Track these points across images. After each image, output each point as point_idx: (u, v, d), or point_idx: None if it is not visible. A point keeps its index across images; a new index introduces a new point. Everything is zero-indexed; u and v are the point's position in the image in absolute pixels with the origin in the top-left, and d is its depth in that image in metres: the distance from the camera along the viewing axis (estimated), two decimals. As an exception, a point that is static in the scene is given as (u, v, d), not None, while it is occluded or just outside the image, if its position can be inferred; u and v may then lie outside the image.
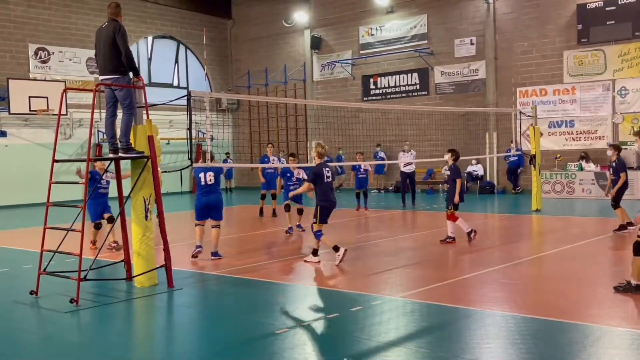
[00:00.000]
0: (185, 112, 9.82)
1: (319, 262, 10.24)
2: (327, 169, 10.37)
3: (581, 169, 20.74)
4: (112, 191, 10.92)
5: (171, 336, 6.85)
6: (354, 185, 19.07)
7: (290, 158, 14.82)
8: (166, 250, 8.79)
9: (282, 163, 17.74)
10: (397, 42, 26.12)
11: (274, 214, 17.35)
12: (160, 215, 8.84)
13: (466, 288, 8.36)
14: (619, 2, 20.65)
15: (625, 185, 12.71)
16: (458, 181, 11.81)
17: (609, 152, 13.25)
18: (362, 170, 18.45)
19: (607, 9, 20.86)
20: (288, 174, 14.38)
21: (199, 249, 11.03)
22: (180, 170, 10.16)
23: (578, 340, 6.02)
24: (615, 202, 12.67)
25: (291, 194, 12.20)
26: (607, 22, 20.92)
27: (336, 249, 10.11)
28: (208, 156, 10.34)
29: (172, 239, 10.03)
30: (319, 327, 6.73)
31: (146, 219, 8.76)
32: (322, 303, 8.02)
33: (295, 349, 6.04)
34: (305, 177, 14.49)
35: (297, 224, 14.27)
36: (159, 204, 8.82)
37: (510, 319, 6.74)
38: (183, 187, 28.42)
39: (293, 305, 7.88)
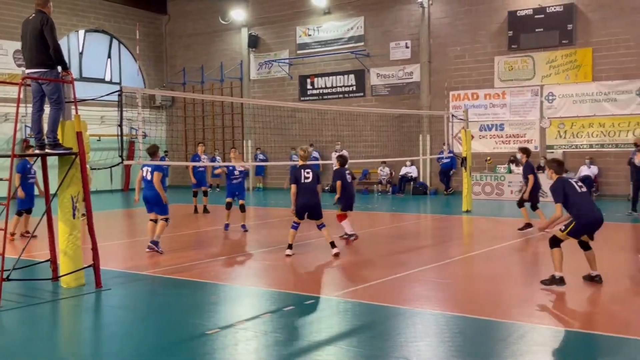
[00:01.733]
0: (117, 108, 9.65)
1: (290, 255, 10.59)
2: (308, 170, 10.65)
3: (510, 171, 21.38)
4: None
5: (98, 338, 6.67)
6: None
7: (232, 149, 15.23)
8: (94, 249, 8.56)
9: (216, 161, 18.19)
10: (334, 43, 26.27)
11: (206, 210, 17.75)
12: (88, 213, 8.60)
13: (398, 287, 8.48)
14: (547, 11, 21.40)
15: (536, 187, 13.23)
16: (338, 183, 12.20)
17: (518, 155, 14.01)
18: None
19: (537, 16, 21.59)
20: (231, 168, 14.28)
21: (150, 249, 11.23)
22: (110, 167, 9.94)
23: (503, 337, 6.20)
24: (532, 203, 13.31)
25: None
26: (536, 30, 21.64)
27: (289, 247, 10.71)
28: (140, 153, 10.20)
29: (102, 238, 9.79)
30: (251, 327, 6.69)
31: (74, 217, 8.51)
32: (255, 303, 7.98)
33: (226, 349, 5.98)
34: (246, 168, 15.16)
35: (242, 224, 13.99)
36: (87, 202, 8.58)
37: (440, 317, 6.88)
38: (113, 185, 27.91)
39: (225, 306, 7.81)
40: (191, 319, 7.00)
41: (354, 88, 25.91)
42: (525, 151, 13.51)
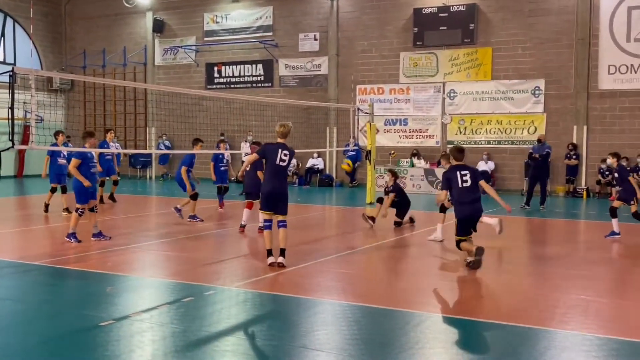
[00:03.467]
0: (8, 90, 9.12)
1: (271, 264, 8.87)
2: (286, 152, 9.26)
3: (412, 165, 21.97)
4: None
5: (-19, 332, 6.28)
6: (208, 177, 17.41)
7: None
8: (-20, 238, 8.07)
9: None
10: (242, 31, 25.99)
11: (112, 198, 17.29)
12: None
13: (300, 277, 8.50)
14: (451, 10, 22.06)
15: None
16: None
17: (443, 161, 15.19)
18: (225, 161, 16.14)
19: (441, 15, 22.21)
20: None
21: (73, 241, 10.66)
22: (0, 152, 9.38)
23: (400, 326, 6.34)
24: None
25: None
26: (440, 28, 22.26)
27: (269, 253, 8.96)
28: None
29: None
30: (148, 318, 6.50)
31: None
32: (154, 294, 7.77)
33: (120, 341, 5.78)
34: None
35: (178, 211, 13.60)
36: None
37: (339, 307, 6.96)
38: (4, 171, 26.34)
39: (122, 297, 7.55)
40: (84, 311, 6.72)
41: (262, 78, 25.77)
42: (446, 158, 14.75)
